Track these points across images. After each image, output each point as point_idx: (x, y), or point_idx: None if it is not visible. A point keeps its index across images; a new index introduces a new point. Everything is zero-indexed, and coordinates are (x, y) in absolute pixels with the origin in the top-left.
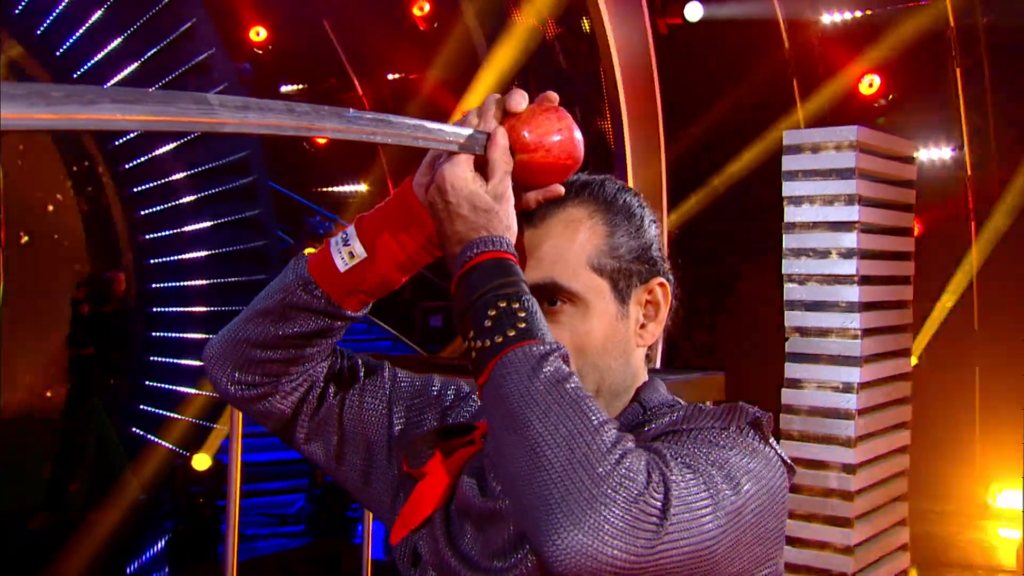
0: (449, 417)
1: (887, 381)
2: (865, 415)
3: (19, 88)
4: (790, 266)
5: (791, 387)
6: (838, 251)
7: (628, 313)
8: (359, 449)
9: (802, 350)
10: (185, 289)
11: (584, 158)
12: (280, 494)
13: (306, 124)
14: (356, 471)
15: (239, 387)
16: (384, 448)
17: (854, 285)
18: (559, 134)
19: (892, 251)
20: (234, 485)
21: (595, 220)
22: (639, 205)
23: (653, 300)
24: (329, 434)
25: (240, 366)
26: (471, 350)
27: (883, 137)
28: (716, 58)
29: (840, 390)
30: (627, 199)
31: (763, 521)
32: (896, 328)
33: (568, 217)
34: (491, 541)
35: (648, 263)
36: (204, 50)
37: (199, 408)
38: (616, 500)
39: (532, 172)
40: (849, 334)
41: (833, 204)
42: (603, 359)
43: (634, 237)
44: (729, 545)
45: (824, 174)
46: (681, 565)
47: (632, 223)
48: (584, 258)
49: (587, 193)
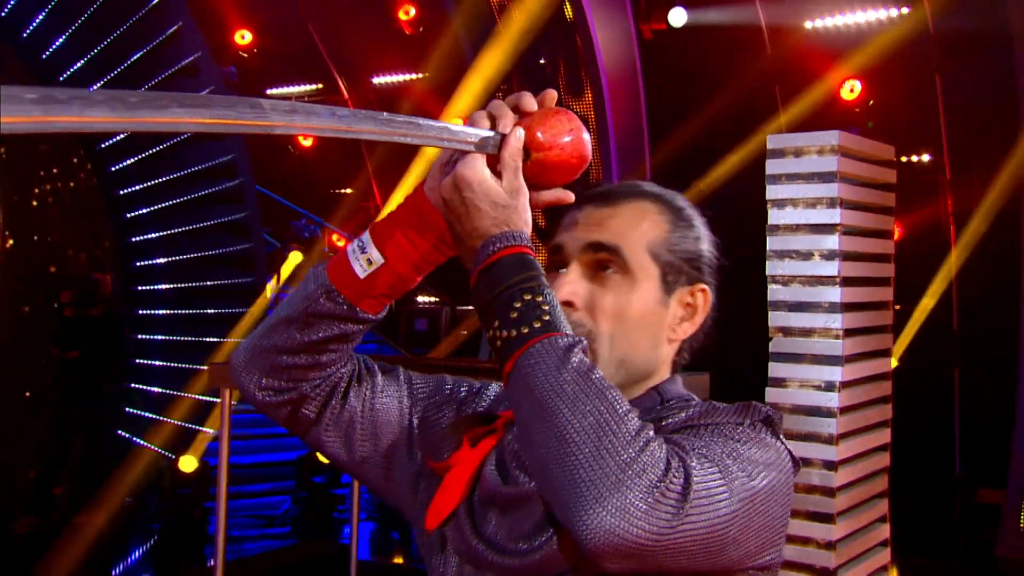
0: (465, 411)
1: (868, 380)
2: (847, 413)
3: (99, 95)
4: (773, 268)
5: (775, 386)
6: (820, 253)
7: (668, 304)
8: (380, 448)
9: (785, 350)
10: (172, 292)
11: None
12: (266, 496)
13: (344, 126)
14: (378, 468)
15: (266, 393)
16: (404, 445)
17: (836, 286)
18: (570, 134)
19: (873, 253)
20: (223, 486)
21: (661, 217)
22: (700, 221)
23: (693, 303)
24: (352, 435)
25: (267, 372)
26: (496, 339)
27: (864, 141)
28: (700, 63)
29: (822, 389)
30: (690, 212)
31: (771, 509)
32: (877, 328)
33: (640, 206)
34: (517, 525)
35: (696, 269)
36: (191, 53)
37: (185, 411)
38: (640, 484)
39: (545, 169)
40: (831, 334)
41: (815, 207)
42: (636, 333)
43: (689, 243)
44: (740, 528)
45: (806, 177)
46: (697, 544)
47: (690, 232)
48: (644, 242)
49: (659, 196)
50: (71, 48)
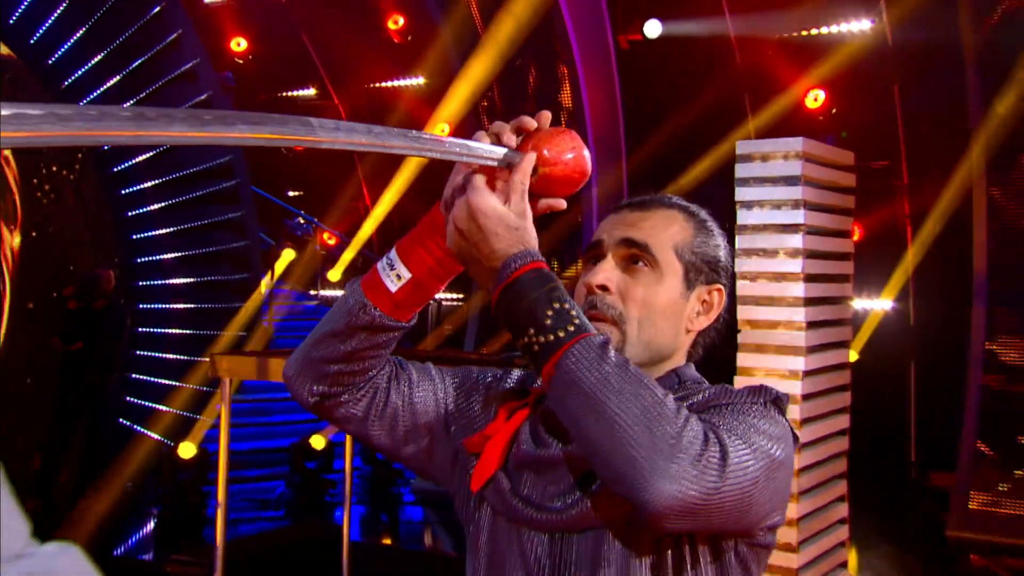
0: (494, 392)
1: (829, 369)
2: (809, 400)
3: (180, 113)
4: (742, 264)
5: (743, 375)
6: (785, 251)
7: (689, 299)
8: (422, 435)
9: (753, 340)
10: (171, 287)
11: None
12: (261, 481)
13: (379, 142)
14: (421, 452)
15: (318, 398)
16: (443, 429)
17: (800, 282)
18: (572, 152)
19: (834, 252)
20: (223, 470)
21: (687, 224)
22: (719, 231)
23: (709, 300)
24: (396, 426)
25: (317, 380)
26: (533, 344)
27: (826, 148)
28: (674, 73)
29: (787, 377)
30: (712, 223)
31: (782, 476)
32: (837, 322)
33: (669, 213)
34: (550, 485)
35: (714, 271)
36: (190, 59)
37: (184, 400)
38: (689, 454)
39: (550, 183)
40: (795, 326)
41: (781, 208)
42: (661, 320)
43: (710, 248)
44: (761, 491)
45: (773, 181)
46: (733, 504)
47: (711, 239)
48: (671, 243)
49: (686, 208)
50: (77, 54)
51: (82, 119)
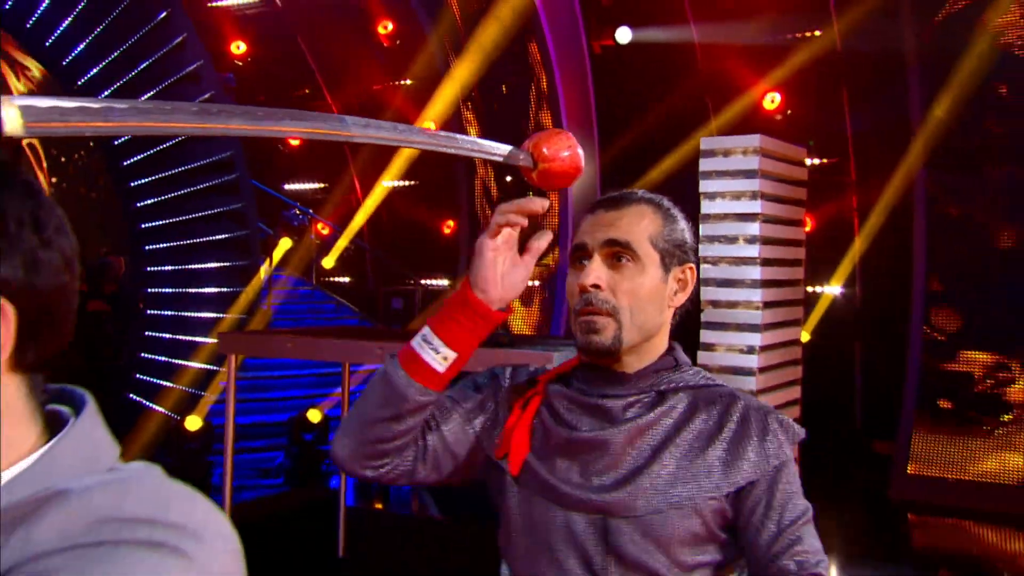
0: (501, 394)
1: (782, 345)
2: (765, 372)
3: (238, 109)
4: (705, 250)
5: (705, 350)
6: (744, 237)
7: (667, 281)
8: (460, 461)
9: (714, 319)
10: (177, 272)
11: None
12: (262, 451)
13: (403, 137)
14: (462, 472)
15: (374, 471)
16: (476, 448)
17: (757, 266)
18: (568, 150)
19: (787, 238)
20: (229, 441)
21: (656, 215)
22: (682, 216)
23: (683, 279)
24: (439, 463)
25: (371, 458)
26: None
27: (780, 144)
28: (643, 76)
29: (745, 352)
30: (675, 210)
31: None
32: (790, 302)
33: (639, 208)
34: (586, 465)
35: (684, 252)
36: (194, 61)
37: (190, 378)
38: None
39: (549, 177)
40: (752, 306)
41: (740, 199)
42: (648, 305)
43: (677, 233)
44: None
45: (733, 174)
46: None
47: (677, 224)
48: (646, 235)
49: (651, 200)
50: (88, 56)
51: (159, 112)
